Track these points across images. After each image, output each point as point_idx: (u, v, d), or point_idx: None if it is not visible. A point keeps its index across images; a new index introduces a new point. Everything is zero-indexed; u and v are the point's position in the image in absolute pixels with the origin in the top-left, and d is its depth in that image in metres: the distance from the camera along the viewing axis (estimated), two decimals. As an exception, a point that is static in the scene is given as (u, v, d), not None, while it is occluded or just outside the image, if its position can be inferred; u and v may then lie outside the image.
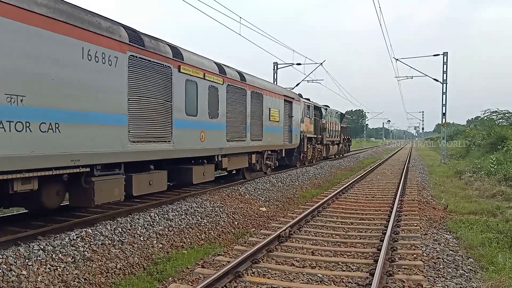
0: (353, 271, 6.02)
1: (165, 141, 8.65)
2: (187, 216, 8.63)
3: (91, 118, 6.63)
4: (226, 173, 15.18)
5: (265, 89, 14.45)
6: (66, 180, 6.72)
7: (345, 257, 6.68)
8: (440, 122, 30.39)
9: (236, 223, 9.30)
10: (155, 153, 8.31)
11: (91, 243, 6.23)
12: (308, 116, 21.33)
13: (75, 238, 6.19)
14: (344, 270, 6.05)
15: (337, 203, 11.68)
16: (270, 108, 14.82)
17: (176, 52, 9.06)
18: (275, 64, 28.39)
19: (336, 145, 29.41)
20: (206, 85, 10.25)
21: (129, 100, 7.48)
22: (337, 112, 30.39)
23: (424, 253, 6.78)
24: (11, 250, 5.40)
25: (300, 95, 19.93)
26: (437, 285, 5.48)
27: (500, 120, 31.40)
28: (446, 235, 8.25)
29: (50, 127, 5.87)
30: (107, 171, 7.29)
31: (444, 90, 27.86)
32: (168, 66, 8.66)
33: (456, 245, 7.59)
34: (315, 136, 22.95)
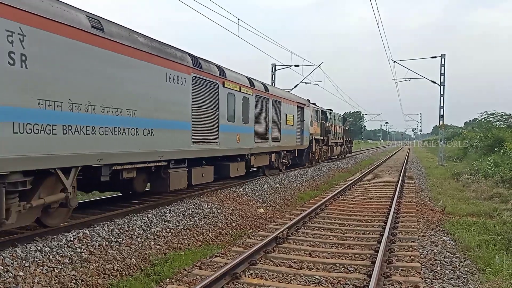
0: (351, 272, 6.03)
1: (214, 142, 10.77)
2: (185, 218, 8.62)
3: (170, 125, 8.75)
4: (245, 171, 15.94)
5: (283, 97, 16.68)
6: (153, 171, 8.79)
7: (342, 259, 6.68)
8: (438, 124, 30.46)
9: (233, 224, 9.29)
10: (208, 151, 10.49)
11: (88, 244, 6.21)
12: (316, 120, 23.30)
13: (72, 239, 6.17)
14: (341, 272, 6.05)
15: (335, 205, 11.69)
16: (286, 114, 16.93)
17: (221, 71, 11.19)
18: (273, 65, 28.43)
19: (339, 146, 31.17)
20: (241, 96, 12.47)
21: (192, 110, 9.59)
22: (340, 116, 32.08)
23: (421, 255, 6.79)
24: (8, 251, 5.39)
25: (308, 100, 21.29)
26: (435, 286, 5.49)
27: (498, 122, 31.43)
28: (444, 237, 8.26)
29: (148, 132, 8.02)
30: (177, 165, 9.38)
31: (442, 92, 27.94)
32: (216, 82, 10.79)
33: (453, 246, 7.60)
34: (322, 138, 24.81)
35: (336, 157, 30.79)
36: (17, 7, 5.36)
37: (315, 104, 23.65)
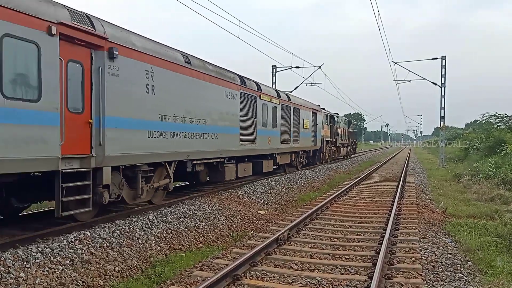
0: (352, 274, 6.02)
1: (253, 143, 13.54)
2: (186, 219, 8.62)
3: (227, 130, 11.54)
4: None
5: (301, 105, 19.59)
6: (214, 165, 11.39)
7: (343, 260, 6.68)
8: (439, 126, 30.42)
9: (234, 226, 9.29)
10: (249, 151, 13.30)
11: (90, 245, 6.21)
12: (326, 123, 25.95)
13: (73, 240, 6.17)
14: (342, 273, 6.04)
15: (335, 206, 11.68)
16: (304, 119, 19.77)
17: (258, 86, 14.22)
18: (274, 67, 28.43)
19: (346, 147, 33.55)
20: (271, 106, 15.28)
21: (240, 119, 12.41)
22: (346, 119, 34.96)
23: (422, 257, 6.78)
24: (9, 253, 5.39)
25: (319, 106, 23.82)
26: (436, 288, 5.48)
27: (499, 124, 31.40)
28: (445, 239, 8.25)
29: (214, 136, 10.81)
30: (229, 161, 12.05)
31: (443, 94, 27.90)
32: (255, 96, 13.70)
33: (454, 248, 7.59)
34: (331, 139, 27.47)
35: (342, 157, 32.67)
36: (151, 54, 8.19)
37: (324, 109, 25.77)
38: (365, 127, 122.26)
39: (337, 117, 30.14)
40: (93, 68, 6.87)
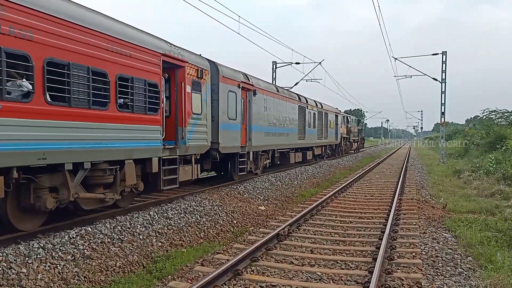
0: (352, 269, 6.04)
1: (303, 139, 20.27)
2: (186, 215, 8.63)
3: (291, 131, 18.20)
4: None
5: (328, 110, 26.20)
6: (284, 153, 17.94)
7: (344, 256, 6.70)
8: (439, 122, 30.35)
9: (235, 221, 9.31)
10: (301, 144, 20.05)
11: (91, 241, 6.23)
12: (343, 122, 32.37)
13: (74, 236, 6.20)
14: (343, 268, 6.06)
15: (336, 202, 11.69)
16: (330, 120, 26.47)
17: (306, 100, 21.04)
18: (274, 63, 28.37)
19: (356, 142, 40.34)
20: (312, 112, 22.09)
21: (297, 123, 18.96)
22: (355, 118, 42.19)
23: (423, 252, 6.80)
24: (11, 248, 5.41)
25: (336, 108, 29.48)
26: (436, 283, 5.50)
27: (499, 120, 31.33)
28: (445, 234, 8.27)
29: (287, 135, 17.64)
30: (291, 151, 18.71)
31: (443, 89, 27.85)
32: (304, 107, 20.41)
33: (455, 243, 7.60)
34: (346, 136, 33.81)
35: (353, 151, 39.25)
36: (265, 89, 14.93)
37: (340, 111, 31.24)
38: (365, 123, 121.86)
39: (350, 117, 36.88)
40: (247, 100, 13.40)
